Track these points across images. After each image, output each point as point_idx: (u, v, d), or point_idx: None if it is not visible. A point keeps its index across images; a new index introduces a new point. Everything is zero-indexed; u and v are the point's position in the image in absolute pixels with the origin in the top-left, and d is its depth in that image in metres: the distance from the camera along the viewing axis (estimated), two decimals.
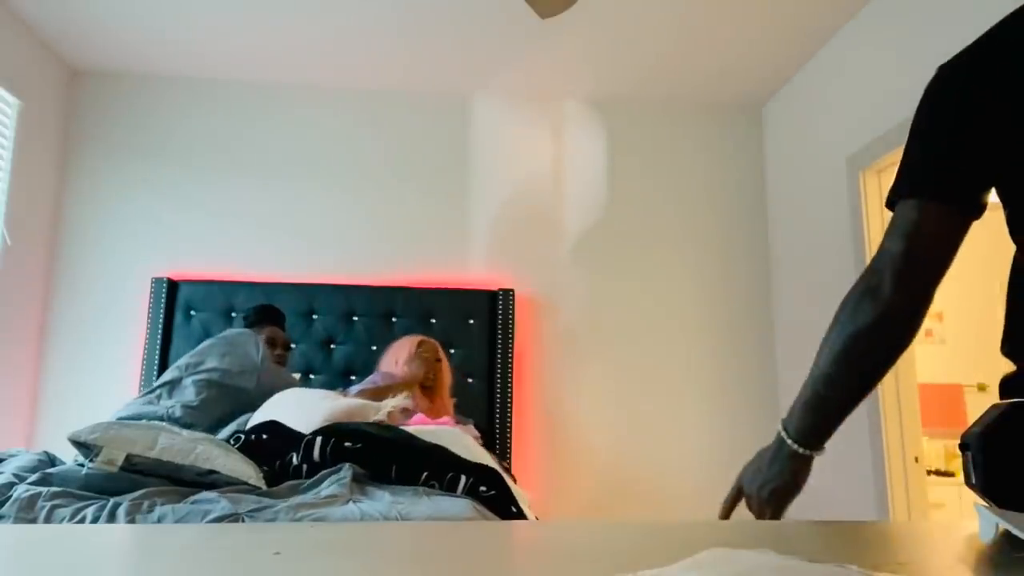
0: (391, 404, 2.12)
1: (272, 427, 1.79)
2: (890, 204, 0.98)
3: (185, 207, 3.44)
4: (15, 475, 1.48)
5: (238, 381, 2.22)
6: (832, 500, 2.87)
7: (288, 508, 1.36)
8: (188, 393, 2.16)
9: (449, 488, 1.57)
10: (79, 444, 1.49)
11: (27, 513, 1.30)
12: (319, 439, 1.63)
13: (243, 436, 1.75)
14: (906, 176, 0.97)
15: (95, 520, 1.29)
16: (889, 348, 0.97)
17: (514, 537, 0.80)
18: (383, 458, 1.63)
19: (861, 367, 0.97)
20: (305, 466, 1.61)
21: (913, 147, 0.97)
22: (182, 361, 2.24)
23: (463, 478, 1.58)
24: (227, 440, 1.75)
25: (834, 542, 0.70)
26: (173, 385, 2.18)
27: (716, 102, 3.71)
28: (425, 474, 1.59)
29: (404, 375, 2.76)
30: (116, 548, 0.68)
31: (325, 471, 1.58)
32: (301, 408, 2.03)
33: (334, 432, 1.68)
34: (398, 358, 2.86)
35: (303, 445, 1.63)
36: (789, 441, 1.01)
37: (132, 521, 1.28)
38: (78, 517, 1.30)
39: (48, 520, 1.28)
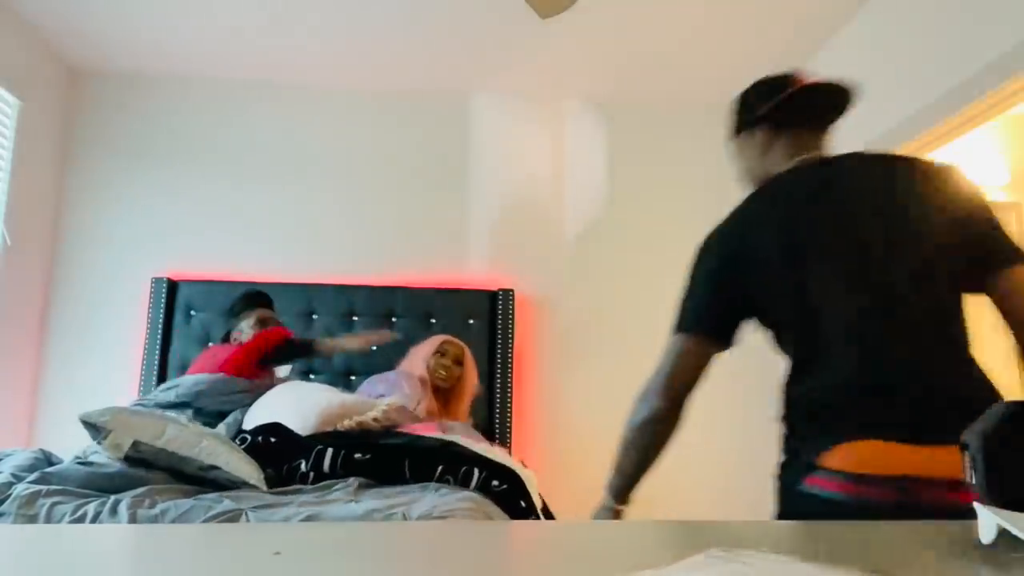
0: (386, 402, 2.11)
1: (277, 429, 1.79)
2: (673, 331, 1.35)
3: (185, 207, 3.44)
4: (13, 475, 1.48)
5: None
6: None
7: (290, 505, 1.37)
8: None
9: (463, 483, 1.57)
10: (89, 425, 1.50)
11: (28, 510, 1.30)
12: (330, 451, 1.63)
13: (248, 437, 1.75)
14: (679, 317, 1.36)
15: (96, 516, 1.29)
16: (656, 438, 1.37)
17: (514, 537, 0.80)
18: (395, 460, 1.63)
19: (638, 451, 1.38)
20: (312, 474, 1.61)
21: (685, 296, 1.37)
22: (189, 396, 2.26)
23: (476, 472, 1.59)
24: (234, 439, 1.75)
25: (834, 542, 0.70)
26: (180, 410, 2.23)
27: (716, 102, 3.71)
28: (440, 468, 1.60)
29: (420, 375, 2.73)
30: (115, 548, 0.68)
31: (332, 480, 1.58)
32: (298, 404, 2.03)
33: (344, 443, 1.68)
34: (419, 355, 2.84)
35: (313, 454, 1.64)
36: (607, 497, 1.45)
37: (134, 516, 1.28)
38: (79, 513, 1.30)
39: (49, 516, 1.28)
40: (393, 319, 3.34)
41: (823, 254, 1.25)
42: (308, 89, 3.59)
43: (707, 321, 1.34)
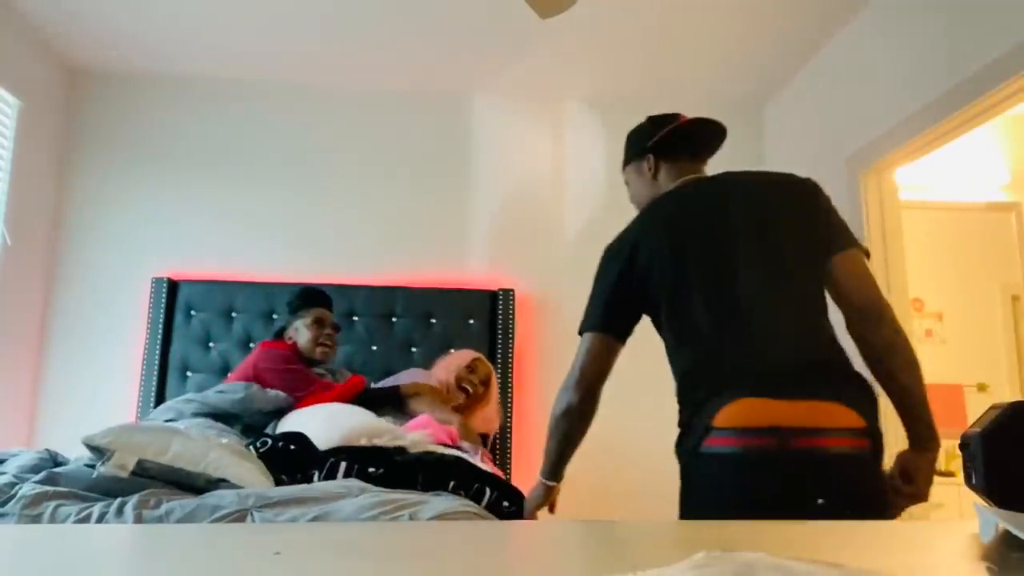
0: (412, 438, 2.08)
1: (299, 439, 1.79)
2: (580, 332, 1.64)
3: (185, 207, 3.44)
4: (16, 476, 1.47)
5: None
6: None
7: (295, 500, 1.37)
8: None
9: (474, 500, 1.57)
10: (92, 447, 1.49)
11: (32, 510, 1.30)
12: (343, 464, 1.64)
13: (269, 441, 1.74)
14: (586, 318, 1.64)
15: (101, 516, 1.29)
16: (573, 427, 1.67)
17: (514, 537, 0.81)
18: (408, 473, 1.64)
19: (559, 439, 1.69)
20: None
21: (591, 300, 1.65)
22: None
23: (488, 491, 1.59)
24: (255, 442, 1.75)
25: (834, 542, 0.70)
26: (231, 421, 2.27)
27: (716, 102, 3.71)
28: (452, 483, 1.60)
29: (443, 382, 2.71)
30: (116, 548, 0.68)
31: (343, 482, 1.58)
32: (327, 422, 2.03)
33: (359, 457, 1.69)
34: (449, 364, 2.82)
35: (327, 466, 1.64)
36: (539, 475, 1.74)
37: (140, 516, 1.28)
38: (83, 514, 1.30)
39: (53, 517, 1.28)
40: (393, 319, 3.34)
41: (700, 251, 1.53)
42: (308, 89, 3.59)
43: (611, 321, 1.61)
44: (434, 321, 3.34)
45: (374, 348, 3.29)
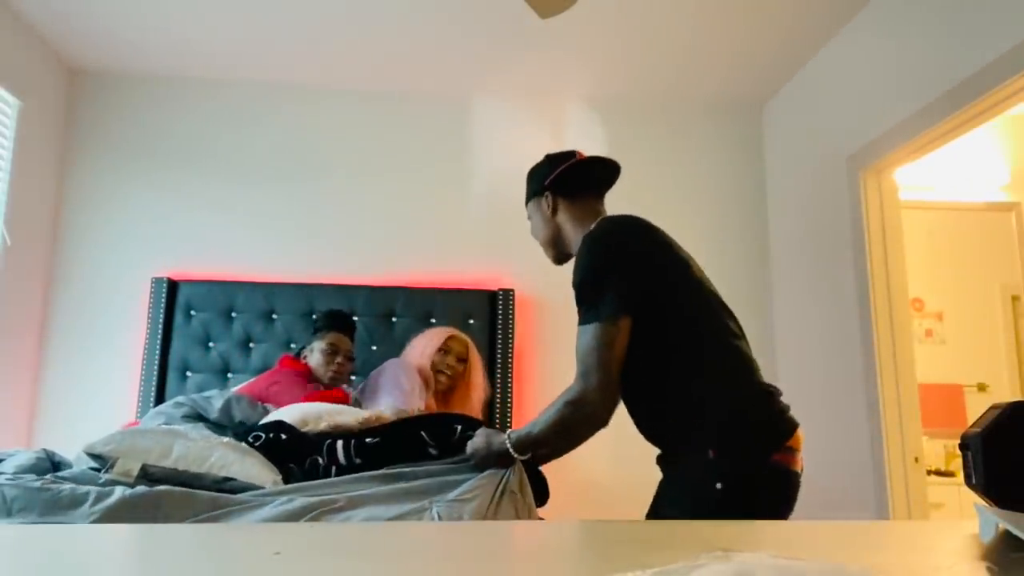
0: (366, 415, 2.08)
1: (284, 427, 1.79)
2: (601, 319, 1.49)
3: (185, 207, 3.44)
4: (13, 475, 1.47)
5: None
6: (832, 500, 2.87)
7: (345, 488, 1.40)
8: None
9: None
10: (94, 456, 1.49)
11: (46, 486, 1.30)
12: (340, 442, 1.64)
13: (262, 435, 1.74)
14: (604, 303, 1.50)
15: (121, 495, 1.30)
16: (583, 439, 1.69)
17: (514, 537, 0.81)
18: (410, 433, 1.64)
19: (567, 443, 1.71)
20: (334, 468, 1.61)
21: (602, 282, 1.52)
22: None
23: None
24: (247, 437, 1.75)
25: (834, 542, 0.70)
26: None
27: (716, 102, 3.71)
28: (459, 427, 1.63)
29: (420, 366, 2.69)
30: (116, 548, 0.68)
31: (359, 474, 1.58)
32: (287, 411, 2.05)
33: (350, 434, 1.69)
34: (422, 348, 2.78)
35: (325, 448, 1.63)
36: (511, 443, 1.57)
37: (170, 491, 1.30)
38: (107, 489, 1.31)
39: (73, 495, 1.29)
40: (393, 319, 3.34)
41: (703, 292, 1.59)
42: (308, 89, 3.59)
43: (628, 306, 1.51)
44: (434, 321, 3.33)
45: (374, 348, 3.29)
